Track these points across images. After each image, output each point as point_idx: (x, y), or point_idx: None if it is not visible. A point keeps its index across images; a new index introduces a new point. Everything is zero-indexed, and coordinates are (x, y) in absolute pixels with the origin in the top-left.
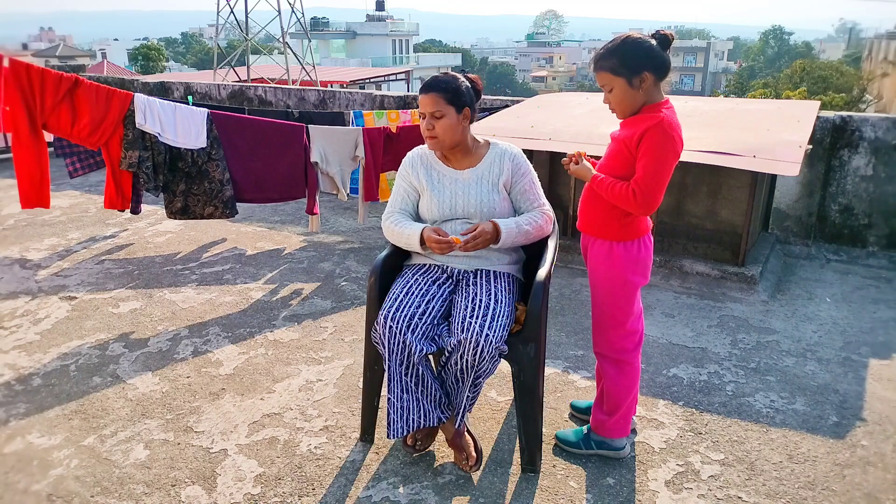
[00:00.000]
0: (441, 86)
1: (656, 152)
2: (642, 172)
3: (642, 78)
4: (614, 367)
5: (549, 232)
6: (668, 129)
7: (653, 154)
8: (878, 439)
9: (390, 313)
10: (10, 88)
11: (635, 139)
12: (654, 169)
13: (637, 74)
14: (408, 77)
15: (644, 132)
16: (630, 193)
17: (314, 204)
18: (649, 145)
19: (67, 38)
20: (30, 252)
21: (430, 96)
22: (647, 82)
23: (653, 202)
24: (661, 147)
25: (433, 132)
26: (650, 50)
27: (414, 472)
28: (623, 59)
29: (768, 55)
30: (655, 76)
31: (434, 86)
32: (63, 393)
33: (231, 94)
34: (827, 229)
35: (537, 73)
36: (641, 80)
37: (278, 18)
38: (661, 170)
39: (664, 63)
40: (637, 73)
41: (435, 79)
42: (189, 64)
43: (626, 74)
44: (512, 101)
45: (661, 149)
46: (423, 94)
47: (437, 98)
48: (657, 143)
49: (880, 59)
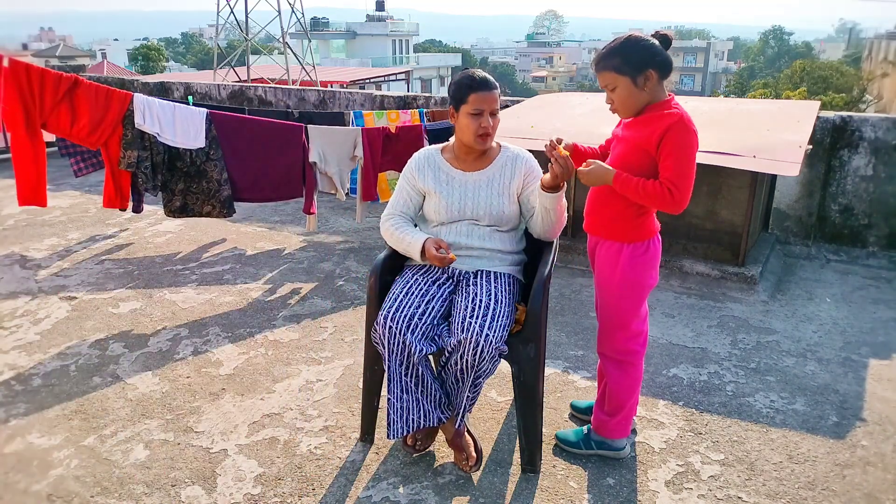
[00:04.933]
0: (496, 83)
1: (684, 148)
2: (674, 170)
3: (647, 76)
4: (618, 369)
5: (564, 224)
6: (689, 123)
7: (681, 150)
8: (878, 439)
9: (390, 313)
10: (9, 88)
11: (655, 138)
12: (684, 164)
13: (641, 73)
14: (408, 77)
15: (666, 130)
16: (665, 192)
17: (311, 204)
18: (676, 142)
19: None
20: (30, 252)
21: (493, 93)
22: (652, 80)
23: (686, 198)
24: (688, 142)
25: (490, 129)
26: (653, 48)
27: (414, 472)
28: (627, 58)
29: (768, 55)
30: (659, 74)
31: (492, 83)
32: (63, 393)
33: (231, 94)
34: (827, 229)
35: (537, 73)
36: (646, 78)
37: (278, 18)
38: (691, 164)
39: (667, 61)
40: (641, 71)
41: (485, 76)
42: (189, 64)
43: (631, 73)
44: (512, 101)
45: (688, 144)
46: (486, 92)
47: (498, 96)
48: (683, 139)
49: (880, 60)
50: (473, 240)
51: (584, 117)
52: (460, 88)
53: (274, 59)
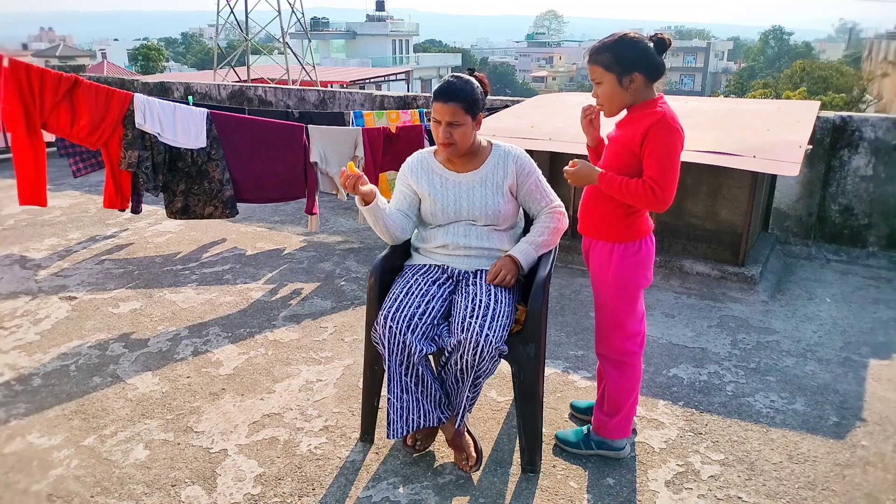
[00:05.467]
0: (460, 95)
1: (666, 146)
2: (657, 168)
3: (632, 78)
4: (616, 369)
5: (565, 227)
6: (672, 121)
7: (663, 148)
8: (878, 439)
9: (390, 313)
10: (9, 88)
11: (638, 137)
12: (667, 163)
13: (628, 74)
14: (408, 77)
15: (648, 129)
16: (648, 190)
17: (313, 204)
18: (658, 140)
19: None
20: (30, 252)
21: (449, 106)
22: (637, 83)
23: (669, 196)
24: (670, 140)
25: (450, 139)
26: (644, 51)
27: (414, 472)
28: (616, 56)
29: (768, 55)
30: (646, 77)
31: (453, 95)
32: (63, 393)
33: (231, 94)
34: (827, 229)
35: (537, 73)
36: (631, 80)
37: (278, 18)
38: (674, 162)
39: (656, 66)
40: (628, 72)
41: (452, 86)
42: (189, 64)
43: (617, 72)
44: (512, 101)
45: (670, 142)
46: (442, 103)
47: (456, 108)
48: (665, 137)
49: (880, 60)
50: (472, 240)
51: None
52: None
53: (274, 60)
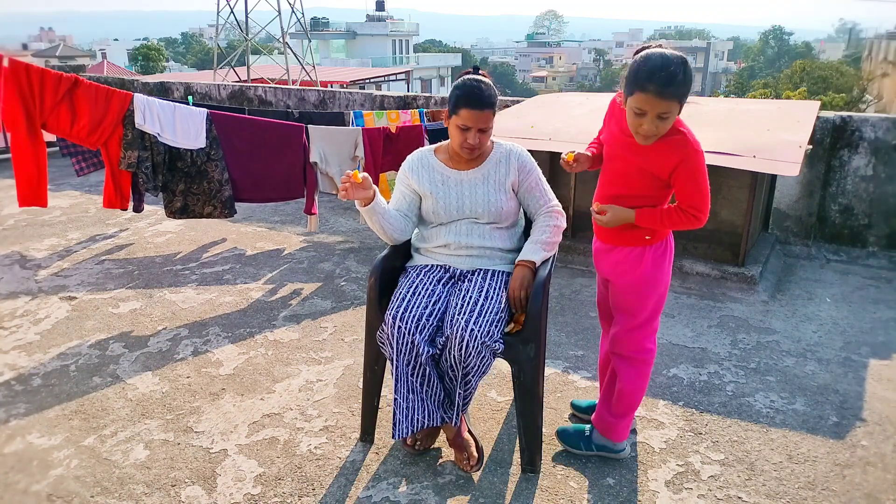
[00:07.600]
0: (492, 101)
1: (698, 174)
2: (696, 196)
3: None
4: (633, 368)
5: (564, 226)
6: (698, 147)
7: (698, 175)
8: (878, 439)
9: (399, 313)
10: (9, 88)
11: (668, 167)
12: (703, 188)
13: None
14: (408, 77)
15: (681, 161)
16: (691, 217)
17: (313, 204)
18: (691, 172)
19: (67, 39)
20: (30, 252)
21: (484, 113)
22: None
23: (707, 214)
24: (701, 168)
25: (480, 145)
26: None
27: (414, 472)
28: (688, 87)
29: (768, 55)
30: None
31: (486, 102)
32: (63, 393)
33: (231, 94)
34: (827, 229)
35: (537, 73)
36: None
37: (278, 18)
38: (707, 185)
39: None
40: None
41: (482, 92)
42: (189, 64)
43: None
44: (512, 101)
45: (702, 168)
46: (478, 111)
47: (489, 114)
48: (698, 167)
49: (880, 60)
50: (473, 238)
51: (584, 117)
52: (456, 99)
53: (274, 60)
